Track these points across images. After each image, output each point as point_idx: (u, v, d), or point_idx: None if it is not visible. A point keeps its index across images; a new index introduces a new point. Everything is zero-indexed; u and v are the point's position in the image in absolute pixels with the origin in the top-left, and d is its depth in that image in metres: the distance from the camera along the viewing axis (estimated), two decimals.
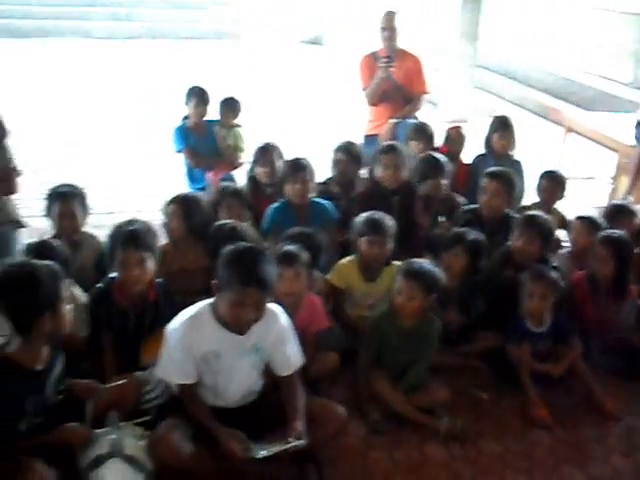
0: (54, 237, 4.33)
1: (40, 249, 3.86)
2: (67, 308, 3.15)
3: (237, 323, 3.21)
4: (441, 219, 5.27)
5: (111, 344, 3.80)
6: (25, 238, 5.27)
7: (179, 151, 6.35)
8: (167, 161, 6.97)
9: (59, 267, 3.21)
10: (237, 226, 4.29)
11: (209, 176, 6.15)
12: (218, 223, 4.39)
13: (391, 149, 5.23)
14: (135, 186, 7.09)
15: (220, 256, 3.24)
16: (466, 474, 3.66)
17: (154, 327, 3.80)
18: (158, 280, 3.92)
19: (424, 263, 4.01)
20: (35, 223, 5.48)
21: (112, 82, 11.70)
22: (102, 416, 3.33)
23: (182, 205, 4.45)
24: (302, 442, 3.21)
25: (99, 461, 3.16)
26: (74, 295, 3.70)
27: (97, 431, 3.26)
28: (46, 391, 3.19)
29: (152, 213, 5.00)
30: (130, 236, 3.76)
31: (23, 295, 3.02)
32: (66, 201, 4.42)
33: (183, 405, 3.36)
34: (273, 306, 3.42)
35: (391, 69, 6.73)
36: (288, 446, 3.18)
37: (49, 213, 4.47)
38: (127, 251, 3.73)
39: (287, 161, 5.14)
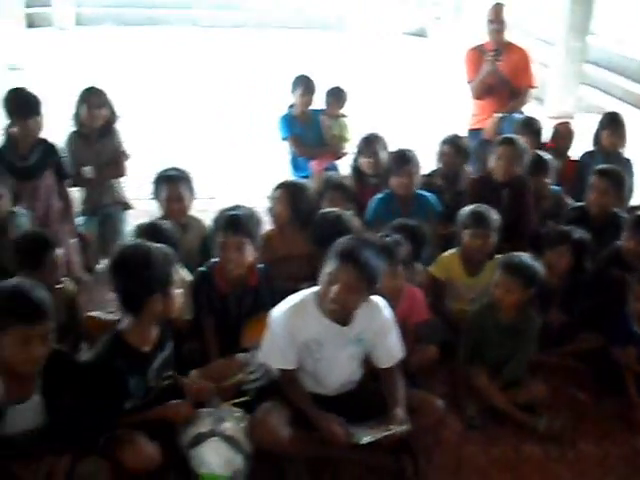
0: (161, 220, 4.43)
1: (151, 231, 3.94)
2: (177, 291, 3.24)
3: (335, 307, 3.23)
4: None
5: (213, 327, 3.89)
6: (132, 220, 5.46)
7: (284, 139, 6.43)
8: (272, 149, 7.03)
9: (171, 250, 3.30)
10: (342, 215, 4.30)
11: (313, 165, 6.22)
12: (323, 211, 4.41)
13: (508, 141, 5.15)
14: (240, 172, 7.20)
15: (329, 247, 3.28)
16: (563, 476, 3.60)
17: (254, 312, 3.86)
18: (260, 265, 3.98)
19: (524, 257, 3.96)
20: (142, 206, 5.67)
21: (217, 70, 11.85)
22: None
23: (288, 191, 4.49)
24: (405, 427, 3.22)
25: (200, 439, 3.24)
26: (182, 278, 3.79)
27: (199, 410, 3.34)
28: (149, 374, 3.28)
29: (257, 199, 5.07)
30: (231, 221, 3.82)
31: (136, 276, 3.12)
32: (174, 184, 4.52)
33: (282, 390, 3.41)
34: (376, 298, 3.43)
35: (498, 62, 6.63)
36: (392, 431, 3.19)
37: (157, 196, 4.58)
38: (226, 235, 3.80)
39: (393, 152, 5.13)
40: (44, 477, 3.00)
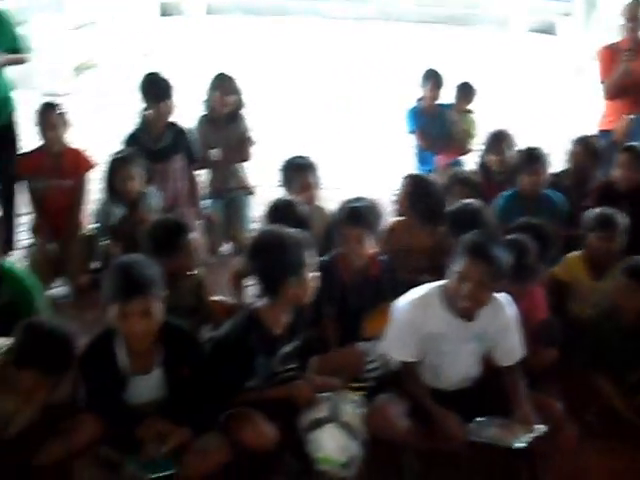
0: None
1: (285, 209, 4.03)
2: (311, 275, 3.29)
3: (467, 305, 3.22)
4: None
5: (333, 316, 3.93)
6: (255, 206, 5.57)
7: (411, 132, 6.41)
8: (398, 141, 7.02)
9: (307, 234, 3.37)
10: (479, 208, 4.26)
11: (438, 159, 6.19)
12: (460, 204, 4.36)
13: (630, 149, 4.99)
14: (365, 164, 7.25)
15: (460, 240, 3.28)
16: None
17: (375, 302, 3.87)
18: (382, 257, 3.99)
19: None
20: (263, 192, 5.78)
21: (344, 61, 11.94)
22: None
23: (414, 184, 4.48)
24: (543, 428, 3.21)
25: (318, 424, 3.28)
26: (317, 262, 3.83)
27: (319, 394, 3.38)
28: (274, 359, 3.34)
29: (381, 191, 5.08)
30: (352, 213, 3.85)
31: (272, 259, 3.20)
32: (304, 172, 4.59)
33: (401, 381, 3.42)
34: (501, 296, 3.40)
35: (632, 62, 6.40)
36: (538, 432, 3.17)
37: (286, 183, 4.65)
38: (348, 227, 3.83)
39: (522, 150, 5.04)
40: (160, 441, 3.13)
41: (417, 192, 4.45)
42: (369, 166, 7.14)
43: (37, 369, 2.97)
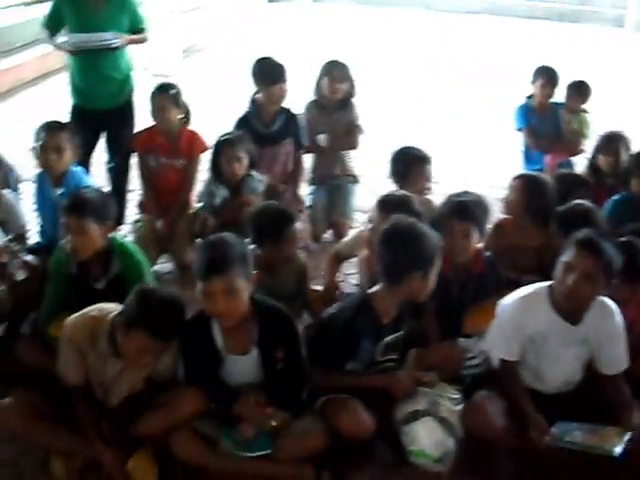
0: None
1: (400, 204, 3.94)
2: (433, 276, 3.28)
3: (570, 297, 3.16)
4: None
5: (434, 310, 3.90)
6: (359, 195, 5.58)
7: (519, 129, 6.28)
8: (505, 138, 6.94)
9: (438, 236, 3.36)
10: (590, 208, 4.16)
11: (548, 159, 6.06)
12: (570, 204, 4.25)
13: None
14: (469, 158, 7.19)
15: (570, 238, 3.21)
16: None
17: (477, 298, 3.85)
18: (487, 253, 3.95)
19: None
20: (366, 181, 5.79)
21: (452, 54, 11.89)
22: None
23: (527, 183, 4.37)
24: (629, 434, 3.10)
25: (415, 417, 3.28)
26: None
27: (418, 387, 3.37)
28: (379, 346, 3.36)
29: (484, 187, 5.02)
30: (458, 207, 3.82)
31: (406, 250, 3.20)
32: (421, 164, 4.54)
33: (500, 380, 3.38)
34: (609, 301, 3.32)
35: None
36: (626, 438, 3.07)
37: (397, 174, 4.60)
38: (454, 221, 3.79)
39: (636, 153, 4.91)
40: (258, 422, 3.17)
41: (532, 192, 4.34)
42: (471, 161, 7.08)
43: (146, 331, 2.99)
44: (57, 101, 6.80)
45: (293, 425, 3.21)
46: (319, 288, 4.33)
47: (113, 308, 3.21)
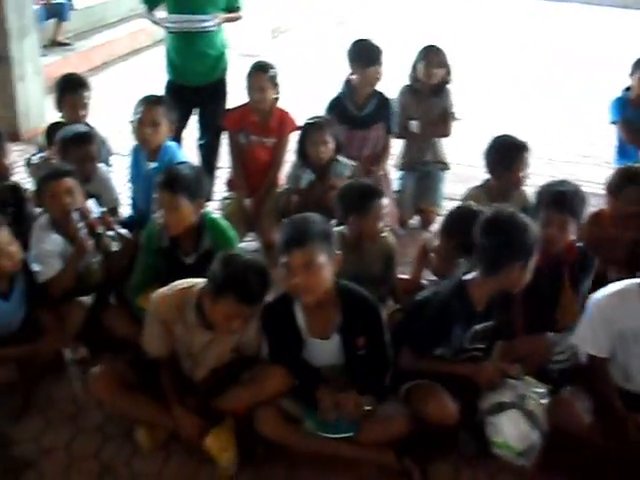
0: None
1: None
2: (531, 267, 3.23)
3: None
4: None
5: (521, 301, 3.84)
6: (448, 182, 5.52)
7: (613, 123, 6.08)
8: (599, 130, 6.81)
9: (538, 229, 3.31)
10: None
11: None
12: None
13: None
14: (563, 149, 7.09)
15: None
16: None
17: (567, 291, 3.76)
18: (579, 244, 3.86)
19: None
20: (458, 169, 5.72)
21: (545, 43, 11.71)
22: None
23: (627, 175, 4.25)
24: None
25: (500, 408, 3.25)
26: None
27: (505, 379, 3.33)
28: (468, 333, 3.32)
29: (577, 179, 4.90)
30: (558, 197, 3.71)
31: (508, 238, 3.14)
32: (520, 154, 4.39)
33: (588, 376, 3.33)
34: None
35: None
36: None
37: (493, 163, 4.47)
38: (551, 211, 3.71)
39: None
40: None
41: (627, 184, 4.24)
42: (566, 151, 6.96)
43: (234, 295, 3.00)
44: (147, 77, 6.91)
45: (379, 410, 3.22)
46: (406, 277, 4.29)
47: (201, 282, 3.24)
